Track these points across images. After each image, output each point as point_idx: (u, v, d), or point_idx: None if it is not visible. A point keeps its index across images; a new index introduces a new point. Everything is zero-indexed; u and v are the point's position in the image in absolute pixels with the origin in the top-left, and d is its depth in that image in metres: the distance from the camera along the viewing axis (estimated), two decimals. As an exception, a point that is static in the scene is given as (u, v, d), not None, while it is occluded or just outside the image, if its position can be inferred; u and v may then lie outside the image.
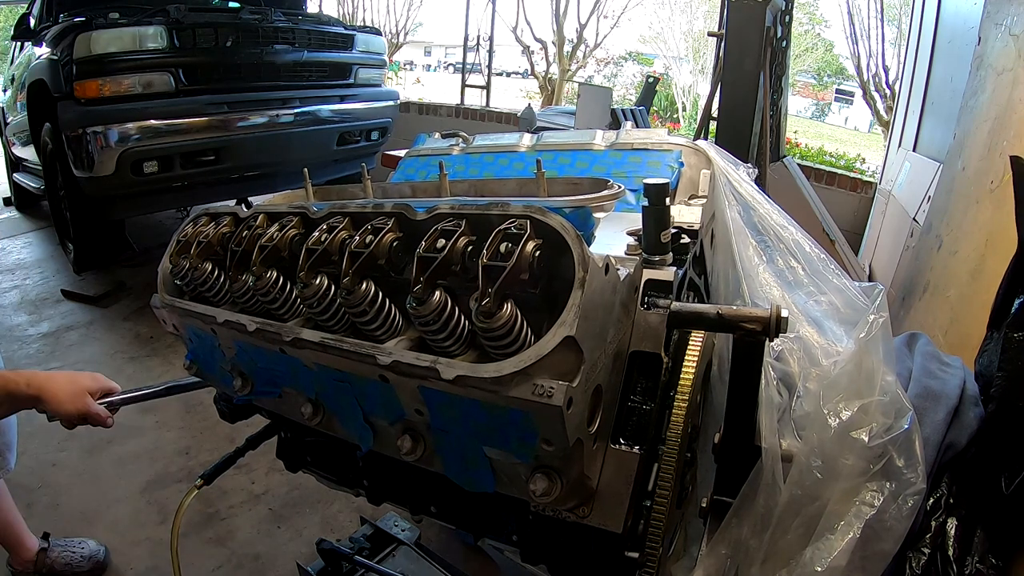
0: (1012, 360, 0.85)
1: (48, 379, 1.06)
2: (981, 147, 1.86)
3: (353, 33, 3.96)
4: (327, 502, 2.01)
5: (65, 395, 1.05)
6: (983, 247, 1.63)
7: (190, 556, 1.76)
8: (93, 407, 1.08)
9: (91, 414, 1.08)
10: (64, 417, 1.06)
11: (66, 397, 1.05)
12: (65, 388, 1.06)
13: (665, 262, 0.74)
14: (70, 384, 1.07)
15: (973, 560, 0.80)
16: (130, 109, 2.99)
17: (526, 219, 0.57)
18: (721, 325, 0.66)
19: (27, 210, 5.22)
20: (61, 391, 1.05)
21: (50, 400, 1.05)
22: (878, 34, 8.37)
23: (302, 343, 0.69)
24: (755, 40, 2.82)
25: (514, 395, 0.54)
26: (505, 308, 0.55)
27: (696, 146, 1.11)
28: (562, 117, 4.74)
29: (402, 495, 0.92)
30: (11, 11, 10.59)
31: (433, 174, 1.22)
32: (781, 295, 0.90)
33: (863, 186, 4.31)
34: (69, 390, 1.06)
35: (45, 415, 1.08)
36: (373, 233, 0.67)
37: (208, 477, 1.17)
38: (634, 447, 0.66)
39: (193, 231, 0.89)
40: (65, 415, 1.06)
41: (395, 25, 11.76)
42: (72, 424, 1.08)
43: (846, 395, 0.74)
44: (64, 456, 2.20)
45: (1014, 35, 1.79)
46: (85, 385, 1.08)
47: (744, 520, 0.73)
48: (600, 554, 0.68)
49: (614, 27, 11.94)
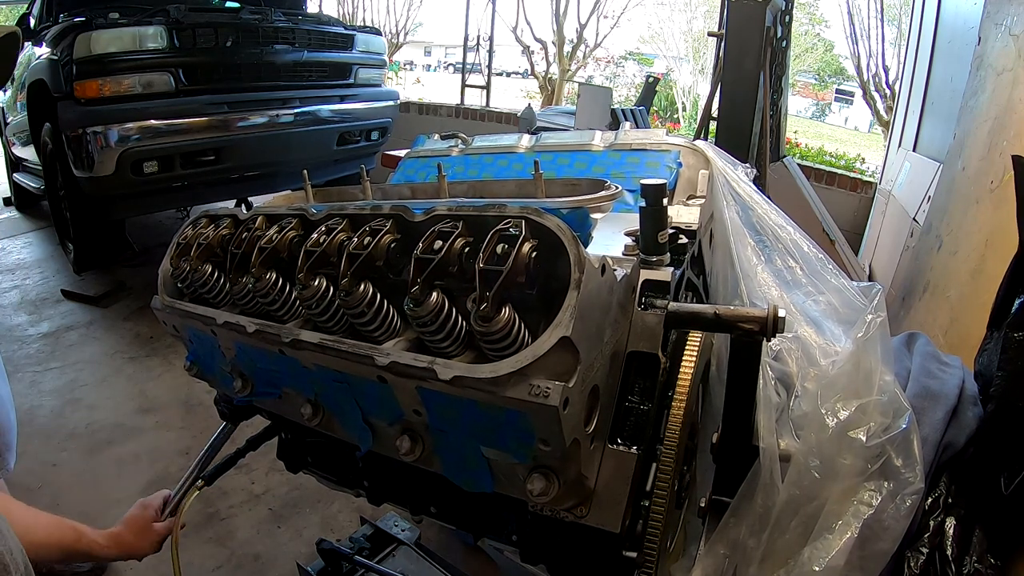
0: (1012, 360, 0.84)
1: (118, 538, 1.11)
2: (981, 147, 1.86)
3: (353, 33, 3.96)
4: (327, 502, 2.01)
5: (138, 541, 1.11)
6: (983, 247, 1.63)
7: (190, 556, 1.76)
8: (163, 530, 1.14)
9: (165, 537, 1.14)
10: (149, 553, 1.13)
11: (140, 542, 1.11)
12: (134, 536, 1.11)
13: (663, 262, 0.74)
14: (135, 528, 1.12)
15: (971, 560, 0.80)
16: (130, 109, 2.99)
17: (522, 220, 0.58)
18: (719, 325, 0.66)
19: (27, 210, 5.21)
20: (133, 541, 1.11)
21: (131, 554, 1.11)
22: (878, 34, 8.36)
23: (301, 344, 0.69)
24: (755, 40, 2.82)
25: (511, 395, 0.54)
26: (503, 312, 0.56)
27: (694, 146, 1.11)
28: (562, 117, 4.73)
29: (402, 495, 0.92)
30: (11, 11, 10.59)
31: (432, 175, 1.22)
32: (779, 295, 0.91)
33: (863, 186, 4.30)
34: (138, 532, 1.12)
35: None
36: (371, 235, 0.67)
37: (208, 478, 1.18)
38: (632, 447, 0.66)
39: (193, 233, 0.89)
40: (148, 552, 1.13)
41: (395, 25, 11.77)
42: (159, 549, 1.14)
43: (844, 395, 0.74)
44: (64, 456, 2.20)
45: (1014, 35, 1.79)
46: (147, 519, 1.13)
47: (742, 520, 0.73)
48: (599, 554, 0.68)
49: (614, 27, 11.94)
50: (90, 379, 2.70)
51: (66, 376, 2.71)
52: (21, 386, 2.58)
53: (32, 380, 2.65)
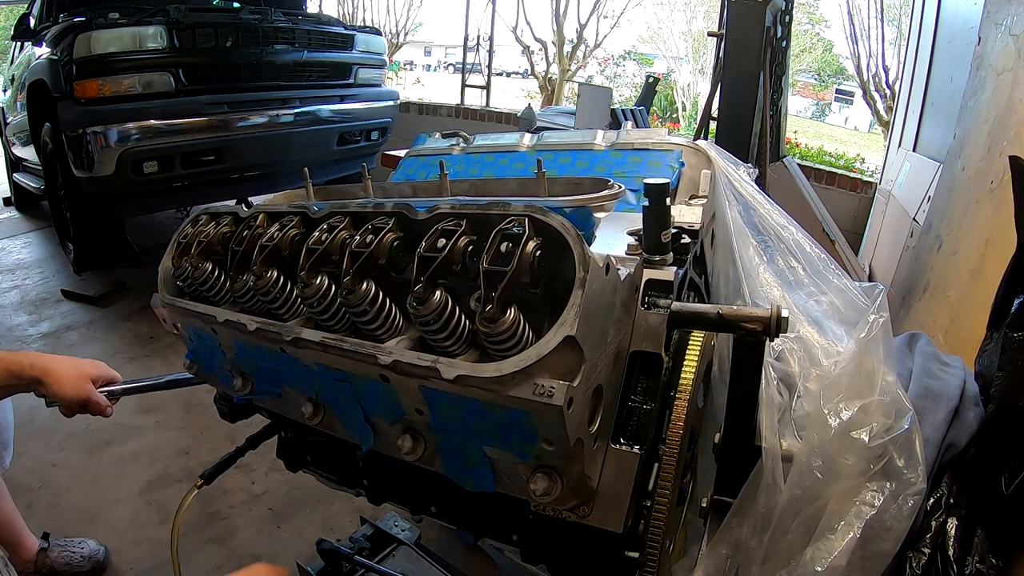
0: (1012, 360, 0.84)
1: (52, 361, 1.03)
2: (981, 147, 1.86)
3: (353, 33, 3.96)
4: (327, 502, 2.00)
5: (68, 379, 1.02)
6: (983, 247, 1.63)
7: (190, 556, 1.76)
8: (94, 394, 1.05)
9: (92, 401, 1.05)
10: (64, 402, 1.03)
11: (68, 381, 1.02)
12: (68, 372, 1.03)
13: (665, 262, 0.74)
14: (73, 368, 1.04)
15: (973, 560, 0.80)
16: (130, 109, 2.99)
17: (526, 219, 0.57)
18: (721, 325, 0.66)
19: (27, 210, 5.21)
20: (64, 374, 1.02)
21: (52, 383, 1.01)
22: (878, 34, 8.38)
23: (302, 343, 0.69)
24: (755, 40, 2.82)
25: (514, 395, 0.54)
26: (508, 313, 0.55)
27: (696, 146, 1.11)
28: (562, 117, 4.73)
29: (402, 495, 0.92)
30: (11, 11, 10.58)
31: (433, 174, 1.22)
32: (781, 295, 0.90)
33: (863, 186, 4.31)
34: (72, 374, 1.03)
35: (44, 399, 1.05)
36: (374, 233, 0.67)
37: (208, 477, 1.17)
38: (634, 447, 0.66)
39: (193, 231, 0.89)
40: (65, 399, 1.03)
41: (395, 25, 11.76)
42: (72, 412, 1.05)
43: (846, 395, 0.74)
44: (64, 456, 2.20)
45: (1014, 35, 1.79)
46: (88, 371, 1.06)
47: (744, 520, 0.73)
48: (600, 554, 0.68)
49: (614, 27, 11.96)
50: (90, 379, 2.70)
51: (66, 376, 2.70)
52: (21, 386, 2.58)
53: (31, 380, 2.65)
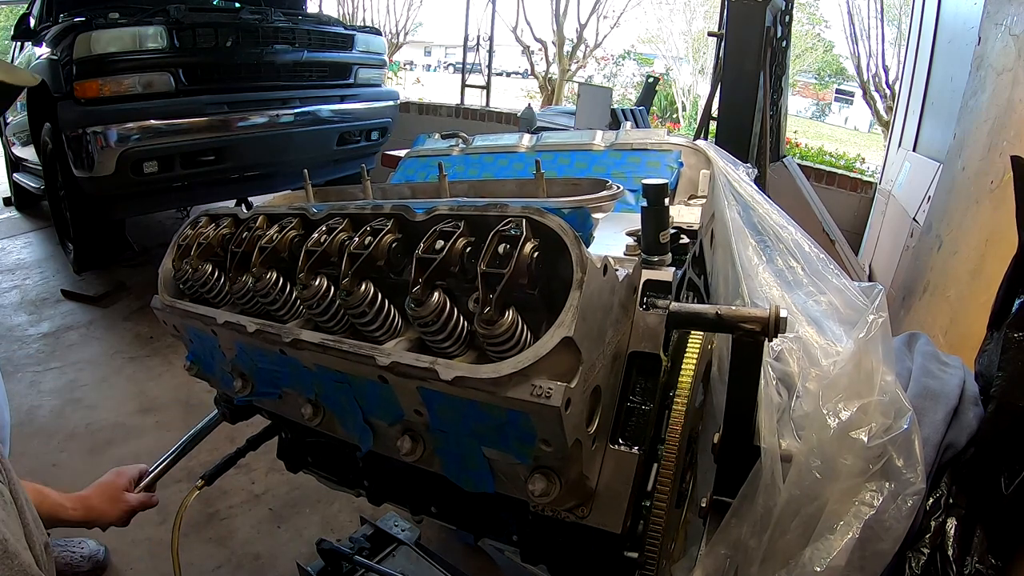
0: (1012, 360, 0.84)
1: (87, 498, 1.10)
2: (981, 147, 1.86)
3: (353, 33, 3.96)
4: (327, 502, 2.01)
5: (107, 507, 1.10)
6: (983, 247, 1.63)
7: (190, 556, 1.76)
8: (135, 501, 1.12)
9: (136, 508, 1.12)
10: (115, 524, 1.11)
11: (108, 508, 1.10)
12: (104, 499, 1.10)
13: (664, 262, 0.74)
14: (106, 493, 1.11)
15: (973, 560, 0.80)
16: (130, 109, 2.98)
17: (524, 220, 0.58)
18: (720, 325, 0.66)
19: (27, 210, 5.21)
20: (101, 505, 1.10)
21: (97, 518, 1.09)
22: (878, 34, 8.36)
23: (302, 344, 0.69)
24: (755, 40, 2.82)
25: (512, 396, 0.54)
26: (507, 315, 0.55)
27: (696, 146, 1.11)
28: (562, 117, 4.73)
29: (402, 495, 0.92)
30: (11, 11, 10.59)
31: (433, 175, 1.22)
32: (780, 295, 0.90)
33: (863, 186, 4.30)
34: (107, 498, 1.11)
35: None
36: (372, 234, 0.67)
37: (209, 477, 1.18)
38: (633, 447, 0.66)
39: (193, 233, 0.89)
40: (115, 522, 1.11)
41: (395, 25, 11.76)
42: (127, 522, 1.13)
43: (845, 395, 0.74)
44: (64, 457, 2.20)
45: (1014, 35, 1.79)
46: (118, 485, 1.13)
47: (743, 520, 0.73)
48: (600, 554, 0.68)
49: (614, 27, 11.93)
50: (90, 379, 2.70)
51: (66, 376, 2.70)
52: (21, 386, 2.58)
53: (32, 380, 2.65)
